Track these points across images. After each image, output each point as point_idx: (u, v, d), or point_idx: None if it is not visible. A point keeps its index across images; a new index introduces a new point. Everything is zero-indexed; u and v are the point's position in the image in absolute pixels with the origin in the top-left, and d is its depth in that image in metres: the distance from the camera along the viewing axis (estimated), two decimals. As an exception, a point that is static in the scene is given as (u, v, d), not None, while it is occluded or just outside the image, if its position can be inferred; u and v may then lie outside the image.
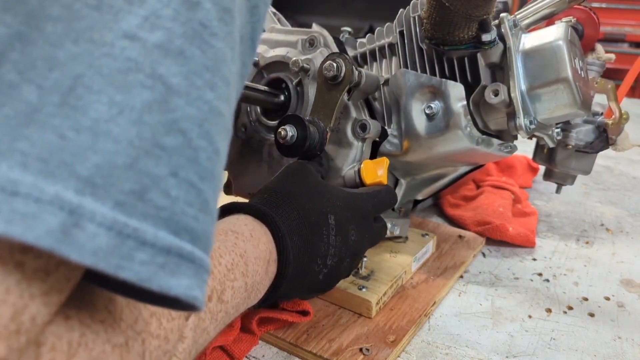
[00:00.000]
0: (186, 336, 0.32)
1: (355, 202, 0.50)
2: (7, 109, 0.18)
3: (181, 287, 0.22)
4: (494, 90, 0.52)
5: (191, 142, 0.22)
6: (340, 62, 0.53)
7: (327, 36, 0.59)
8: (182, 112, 0.22)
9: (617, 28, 2.55)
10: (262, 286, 0.41)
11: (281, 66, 0.61)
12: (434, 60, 0.56)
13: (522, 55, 0.52)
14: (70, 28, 0.20)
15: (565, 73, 0.50)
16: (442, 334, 0.55)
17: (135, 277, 0.20)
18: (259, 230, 0.41)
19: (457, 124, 0.53)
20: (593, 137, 0.68)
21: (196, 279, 0.22)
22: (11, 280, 0.19)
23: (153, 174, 0.21)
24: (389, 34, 0.61)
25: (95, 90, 0.20)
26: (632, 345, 0.54)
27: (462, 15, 0.48)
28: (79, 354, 0.23)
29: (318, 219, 0.45)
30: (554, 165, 0.72)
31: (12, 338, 0.19)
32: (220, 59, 0.24)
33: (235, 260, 0.37)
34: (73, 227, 0.18)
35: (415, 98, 0.55)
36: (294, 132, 0.51)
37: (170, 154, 0.21)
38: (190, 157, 0.22)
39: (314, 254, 0.44)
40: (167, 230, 0.21)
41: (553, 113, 0.53)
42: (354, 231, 0.48)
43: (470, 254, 0.69)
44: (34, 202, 0.18)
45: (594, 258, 0.71)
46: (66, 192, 0.19)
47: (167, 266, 0.21)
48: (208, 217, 0.24)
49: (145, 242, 0.20)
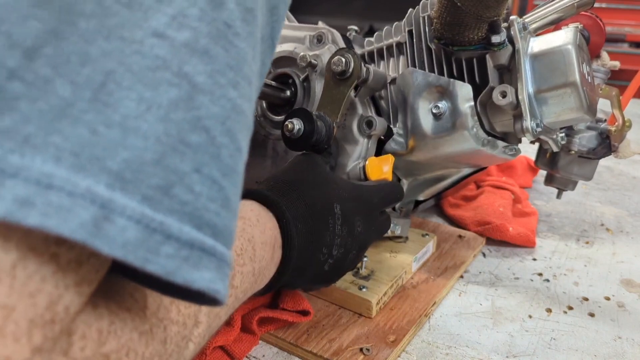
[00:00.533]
0: (201, 321, 0.32)
1: (362, 194, 0.50)
2: (42, 103, 0.19)
3: (204, 281, 0.22)
4: (502, 92, 0.52)
5: (214, 139, 0.23)
6: (349, 58, 0.52)
7: (334, 33, 0.59)
8: (206, 110, 0.22)
9: (617, 28, 2.55)
10: (268, 271, 0.41)
11: (288, 61, 0.61)
12: (442, 60, 0.56)
13: (530, 58, 0.52)
14: (102, 25, 0.20)
15: (574, 77, 0.50)
16: (442, 334, 0.55)
17: (161, 270, 0.20)
18: (264, 216, 0.42)
19: (463, 125, 0.53)
20: (596, 143, 0.68)
21: (218, 272, 0.23)
22: (47, 270, 0.20)
23: (178, 170, 0.21)
24: (398, 33, 0.60)
25: (125, 87, 0.20)
26: (632, 345, 0.54)
27: (473, 15, 0.48)
28: (108, 341, 0.23)
29: (324, 208, 0.45)
30: (556, 171, 0.72)
31: (47, 327, 0.20)
32: (243, 59, 0.24)
33: (244, 246, 0.38)
34: (104, 221, 0.19)
35: (422, 97, 0.55)
36: (301, 125, 0.50)
37: (195, 151, 0.22)
38: (214, 154, 0.23)
39: (320, 243, 0.45)
40: (191, 225, 0.22)
41: (559, 117, 0.53)
42: (360, 223, 0.48)
43: (470, 254, 0.69)
44: (68, 196, 0.18)
45: (594, 258, 0.72)
46: (97, 186, 0.19)
47: (190, 260, 0.22)
48: (229, 213, 0.24)
49: (171, 236, 0.21)
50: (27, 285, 0.19)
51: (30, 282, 0.19)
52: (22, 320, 0.19)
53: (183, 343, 0.30)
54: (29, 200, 0.17)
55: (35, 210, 0.17)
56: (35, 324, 0.19)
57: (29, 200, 0.17)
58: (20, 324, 0.19)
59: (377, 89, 0.58)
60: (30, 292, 0.19)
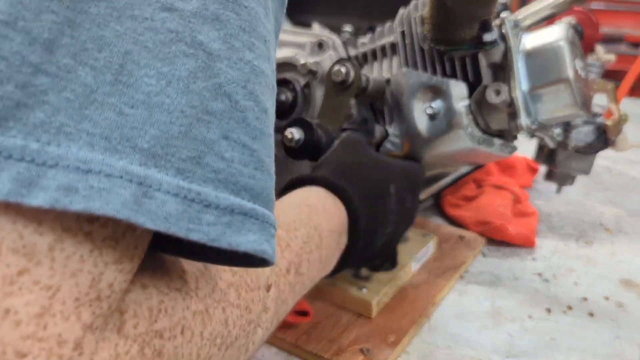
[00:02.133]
0: (269, 307, 0.33)
1: (409, 171, 0.53)
2: (68, 93, 0.19)
3: (249, 243, 0.23)
4: (496, 90, 0.52)
5: (238, 104, 0.23)
6: (349, 68, 0.53)
7: (335, 39, 0.60)
8: (226, 76, 0.23)
9: (616, 29, 2.55)
10: (334, 257, 0.42)
11: (289, 67, 0.61)
12: (435, 60, 0.56)
13: (523, 55, 0.52)
14: (112, 7, 0.20)
15: (566, 73, 0.50)
16: (442, 334, 0.55)
17: (205, 238, 0.21)
18: (331, 203, 0.43)
19: (458, 124, 0.53)
20: (593, 137, 0.68)
21: (263, 233, 0.23)
22: (84, 249, 0.20)
23: (206, 140, 0.22)
24: (390, 33, 0.61)
25: (143, 65, 0.20)
26: (631, 345, 0.54)
27: (463, 15, 0.48)
28: (159, 319, 0.24)
29: (382, 190, 0.46)
30: (555, 166, 0.72)
31: (94, 305, 0.20)
32: (255, 19, 0.24)
33: (310, 233, 0.38)
34: (143, 197, 0.20)
35: (416, 98, 0.55)
36: (301, 135, 0.51)
37: (220, 118, 0.22)
38: (239, 119, 0.23)
39: (380, 226, 0.46)
40: (227, 192, 0.22)
41: (554, 113, 0.53)
42: (409, 199, 0.50)
43: (470, 254, 0.69)
44: (106, 178, 0.19)
45: (593, 258, 0.71)
46: (132, 166, 0.20)
47: (233, 224, 0.22)
48: (264, 174, 0.24)
49: (210, 205, 0.21)
50: (67, 266, 0.20)
51: (69, 262, 0.20)
52: (68, 300, 0.19)
53: (250, 328, 0.30)
54: (71, 186, 0.18)
55: (78, 196, 0.18)
56: (82, 302, 0.20)
57: (72, 187, 0.18)
58: (67, 303, 0.19)
59: (376, 97, 0.58)
60: (72, 272, 0.20)
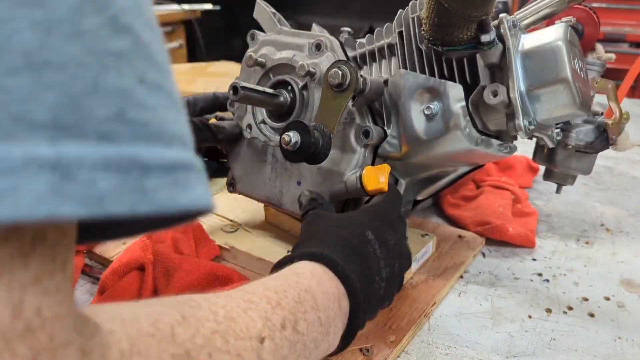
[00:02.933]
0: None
1: (378, 211, 0.51)
2: None
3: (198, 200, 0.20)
4: (493, 91, 0.52)
5: (140, 38, 0.19)
6: (346, 70, 0.53)
7: (333, 41, 0.60)
8: (118, 5, 0.19)
9: (617, 28, 2.55)
10: (339, 322, 0.41)
11: (287, 69, 0.62)
12: (433, 61, 0.56)
13: (521, 55, 0.52)
14: None
15: (565, 73, 0.50)
16: (442, 334, 0.55)
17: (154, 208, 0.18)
18: (318, 269, 0.41)
19: (456, 125, 0.53)
20: (593, 137, 0.68)
21: (204, 183, 0.21)
22: None
23: (122, 89, 0.18)
24: (389, 34, 0.61)
25: (5, 19, 0.16)
26: (632, 345, 0.54)
27: (460, 16, 0.48)
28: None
29: (360, 240, 0.45)
30: (554, 166, 0.72)
31: (27, 337, 0.18)
32: None
33: (301, 295, 0.37)
34: (64, 182, 0.16)
35: (414, 99, 0.55)
36: (298, 138, 0.51)
37: (128, 59, 0.19)
38: (147, 56, 0.20)
39: (372, 274, 0.44)
40: (161, 145, 0.19)
41: (552, 113, 0.53)
42: (391, 236, 0.48)
43: (470, 254, 0.69)
44: (7, 174, 0.15)
45: (594, 258, 0.71)
46: (37, 147, 0.16)
47: (178, 182, 0.19)
48: (181, 115, 0.21)
49: (149, 167, 0.18)
50: None
51: None
52: None
53: None
54: None
55: None
56: (10, 337, 0.17)
57: None
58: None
59: (374, 99, 0.58)
60: None
